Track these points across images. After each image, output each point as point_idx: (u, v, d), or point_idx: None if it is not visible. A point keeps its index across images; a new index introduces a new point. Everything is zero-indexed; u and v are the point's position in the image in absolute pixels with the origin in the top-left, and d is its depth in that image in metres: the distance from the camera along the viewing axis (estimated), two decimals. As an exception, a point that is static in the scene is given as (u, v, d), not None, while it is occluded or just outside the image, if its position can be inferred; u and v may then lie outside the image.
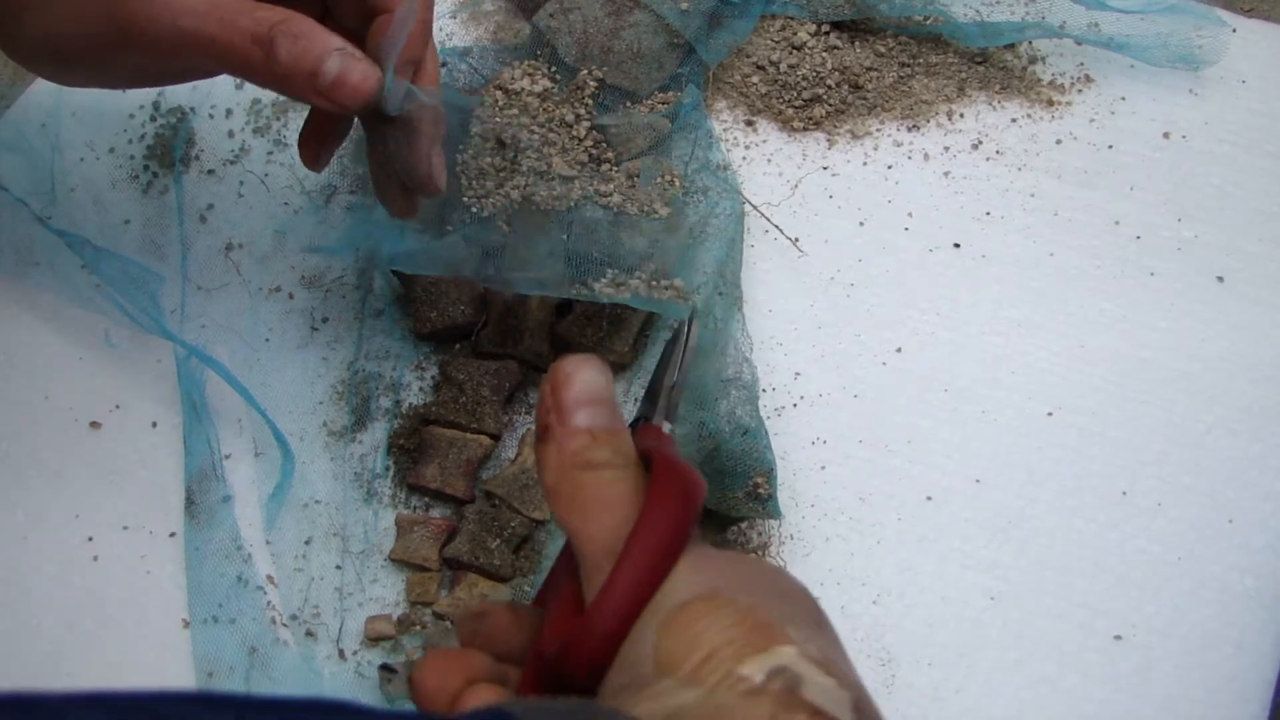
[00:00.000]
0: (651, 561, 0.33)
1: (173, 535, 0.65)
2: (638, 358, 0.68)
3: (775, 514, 0.63)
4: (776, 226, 0.72)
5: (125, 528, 0.66)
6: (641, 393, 0.65)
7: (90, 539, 0.65)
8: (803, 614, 0.34)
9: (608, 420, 0.36)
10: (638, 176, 0.71)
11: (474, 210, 0.70)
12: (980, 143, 0.76)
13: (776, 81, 0.77)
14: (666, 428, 0.47)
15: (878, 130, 0.76)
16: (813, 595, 0.36)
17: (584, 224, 0.69)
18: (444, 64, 0.76)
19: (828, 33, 0.78)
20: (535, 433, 0.37)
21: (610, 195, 0.69)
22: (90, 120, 0.78)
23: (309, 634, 0.63)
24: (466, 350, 0.68)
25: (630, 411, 0.65)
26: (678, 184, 0.71)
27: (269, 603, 0.63)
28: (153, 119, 0.78)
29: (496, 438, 0.66)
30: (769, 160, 0.75)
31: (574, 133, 0.71)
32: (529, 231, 0.70)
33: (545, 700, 0.29)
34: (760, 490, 0.62)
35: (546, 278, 0.66)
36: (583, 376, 0.36)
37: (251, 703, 0.24)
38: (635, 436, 0.38)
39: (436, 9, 0.77)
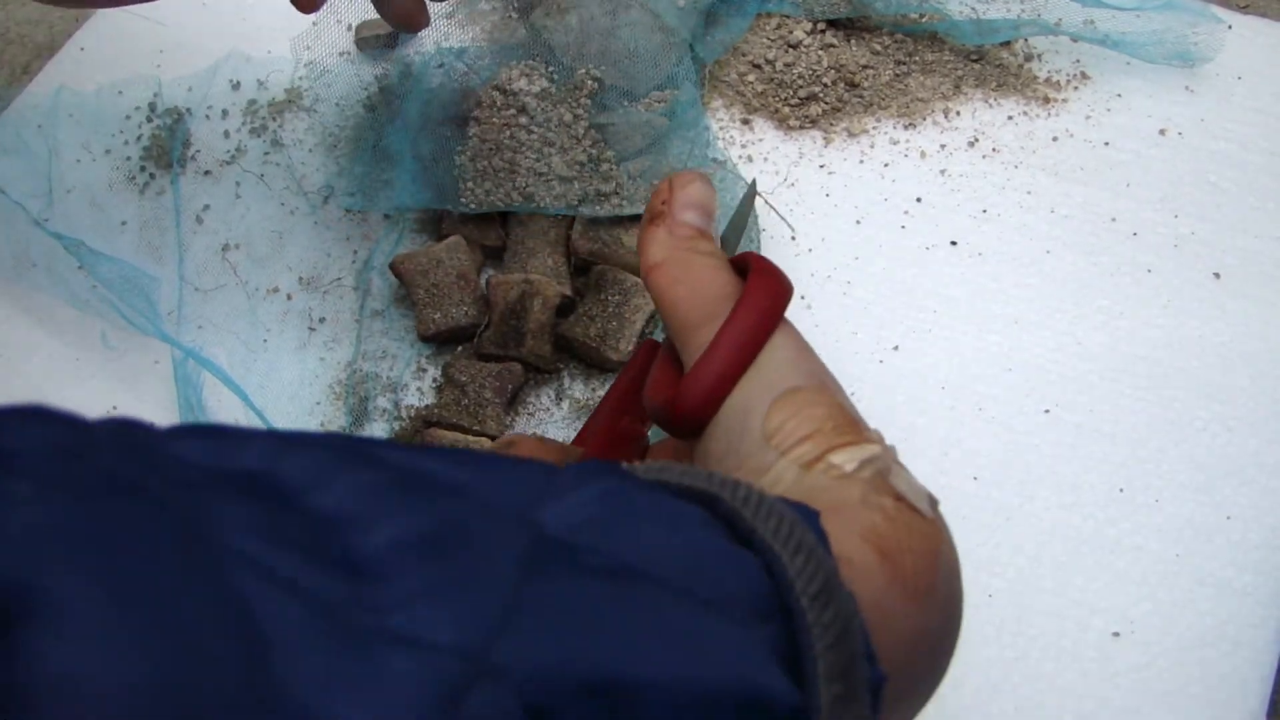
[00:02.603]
0: (756, 322, 0.38)
1: (171, 537, 0.65)
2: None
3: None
4: (771, 206, 0.72)
5: (124, 529, 0.66)
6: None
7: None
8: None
9: (709, 228, 0.41)
10: (639, 176, 0.71)
11: (472, 208, 0.70)
12: (976, 140, 0.76)
13: (773, 80, 0.77)
14: None
15: (874, 128, 0.77)
16: None
17: (585, 222, 0.70)
18: (440, 64, 0.76)
19: (823, 31, 0.79)
20: (644, 217, 0.41)
21: (610, 195, 0.70)
22: (87, 121, 0.78)
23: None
24: (468, 352, 0.68)
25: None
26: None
27: (268, 603, 0.63)
28: (149, 120, 0.78)
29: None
30: (765, 159, 0.75)
31: (573, 132, 0.71)
32: (529, 233, 0.70)
33: (660, 462, 0.32)
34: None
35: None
36: (700, 185, 0.41)
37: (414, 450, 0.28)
38: None
39: (432, 10, 0.78)
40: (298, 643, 0.20)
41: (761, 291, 0.39)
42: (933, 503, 0.35)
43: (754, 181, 0.60)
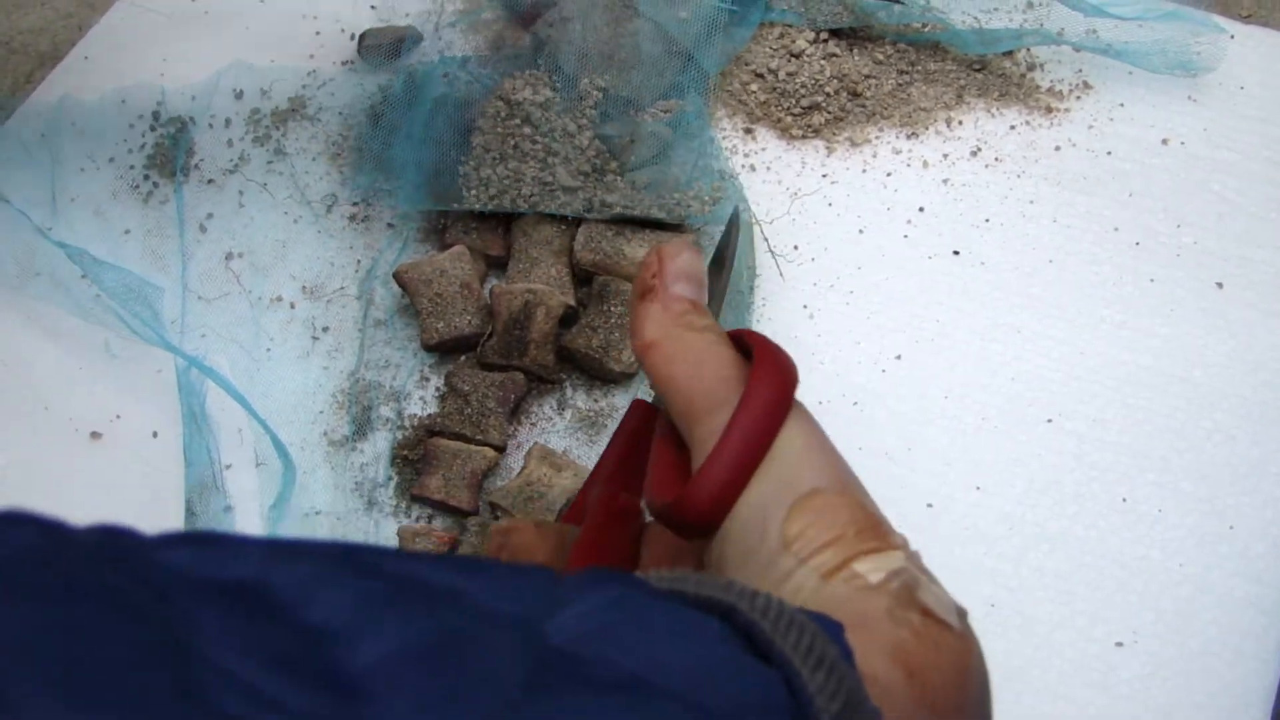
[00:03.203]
0: (766, 415, 0.36)
1: (175, 546, 0.65)
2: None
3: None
4: (766, 241, 0.73)
5: (127, 538, 0.66)
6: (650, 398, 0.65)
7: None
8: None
9: (702, 298, 0.40)
10: (645, 188, 0.71)
11: (477, 207, 0.70)
12: (979, 150, 0.76)
13: (775, 89, 0.78)
14: None
15: (877, 138, 0.77)
16: None
17: (589, 234, 0.70)
18: (444, 74, 0.77)
19: (826, 40, 0.79)
20: (634, 293, 0.40)
21: (614, 206, 0.70)
22: (90, 130, 0.79)
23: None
24: (472, 361, 0.69)
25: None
26: (682, 193, 0.71)
27: (272, 613, 0.63)
28: (152, 129, 0.79)
29: (501, 450, 0.66)
30: (768, 168, 0.76)
31: (577, 142, 0.72)
32: (532, 243, 0.71)
33: (674, 570, 0.31)
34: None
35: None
36: (687, 255, 0.40)
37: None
38: None
39: (435, 17, 0.78)
40: None
41: (768, 381, 0.37)
42: (961, 615, 0.34)
43: (736, 210, 0.60)
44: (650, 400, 0.48)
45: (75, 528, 0.22)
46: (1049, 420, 0.67)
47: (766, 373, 0.37)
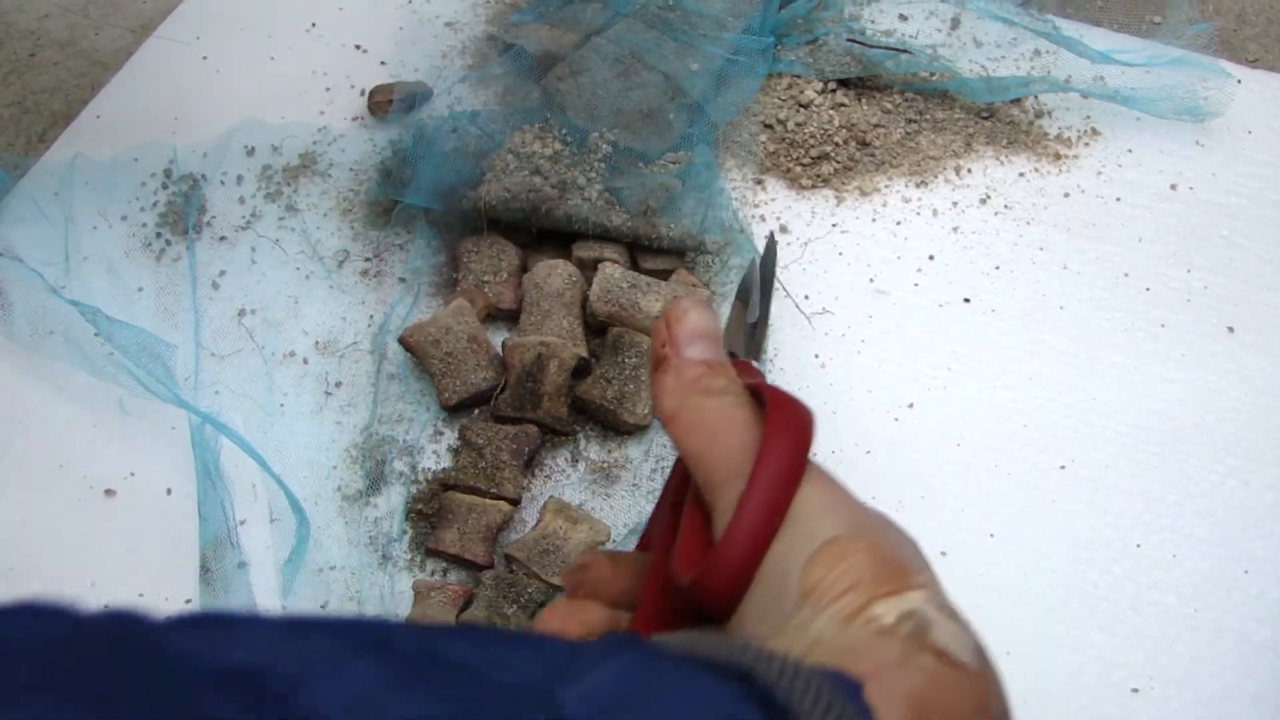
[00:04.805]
0: (778, 486, 0.36)
1: (188, 602, 0.68)
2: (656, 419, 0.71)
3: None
4: (784, 288, 0.75)
5: (140, 595, 0.68)
6: (661, 453, 0.67)
7: (105, 607, 0.67)
8: (921, 560, 0.37)
9: (718, 354, 0.41)
10: (652, 239, 0.74)
11: (487, 280, 0.73)
12: (988, 197, 0.79)
13: (784, 140, 0.81)
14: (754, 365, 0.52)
15: (886, 186, 0.80)
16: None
17: (604, 285, 0.72)
18: (454, 128, 0.80)
19: (834, 90, 0.82)
20: (650, 364, 0.42)
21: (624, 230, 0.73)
22: (103, 188, 0.82)
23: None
24: (485, 414, 0.71)
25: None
26: (691, 243, 0.74)
27: (287, 668, 0.65)
28: (164, 186, 0.82)
29: (516, 503, 0.68)
30: (778, 218, 0.79)
31: (586, 195, 0.74)
32: (543, 295, 0.73)
33: (690, 634, 0.32)
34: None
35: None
36: (695, 313, 0.41)
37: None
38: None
39: (446, 74, 0.81)
40: None
41: (778, 450, 0.37)
42: (978, 651, 0.35)
43: (771, 235, 0.62)
44: None
45: (90, 614, 0.24)
46: (1062, 467, 0.69)
47: (777, 440, 0.37)
